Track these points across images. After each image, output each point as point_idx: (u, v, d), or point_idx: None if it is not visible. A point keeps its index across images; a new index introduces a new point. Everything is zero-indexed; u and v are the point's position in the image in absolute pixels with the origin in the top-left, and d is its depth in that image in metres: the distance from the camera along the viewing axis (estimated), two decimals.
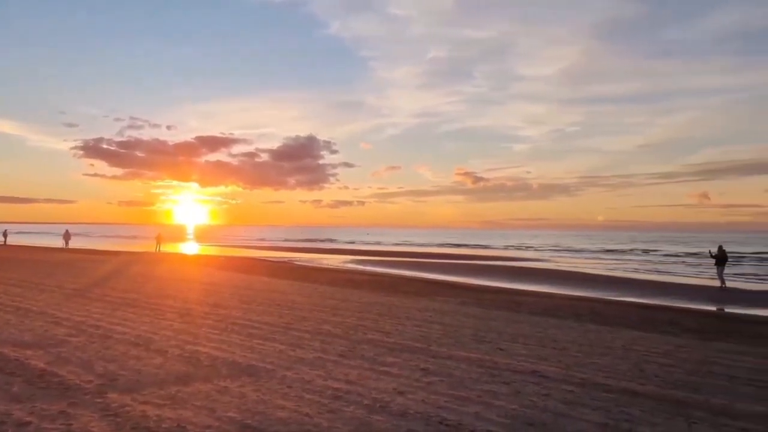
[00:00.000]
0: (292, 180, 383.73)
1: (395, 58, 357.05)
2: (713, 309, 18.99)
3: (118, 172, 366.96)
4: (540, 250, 77.83)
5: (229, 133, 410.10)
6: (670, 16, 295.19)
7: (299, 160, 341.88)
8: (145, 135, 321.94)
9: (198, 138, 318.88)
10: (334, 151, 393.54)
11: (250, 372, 7.08)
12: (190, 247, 71.01)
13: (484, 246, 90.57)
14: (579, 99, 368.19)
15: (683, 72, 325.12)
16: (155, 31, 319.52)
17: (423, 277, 28.61)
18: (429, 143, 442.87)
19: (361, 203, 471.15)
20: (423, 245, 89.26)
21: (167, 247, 56.99)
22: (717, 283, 26.33)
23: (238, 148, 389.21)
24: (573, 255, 64.39)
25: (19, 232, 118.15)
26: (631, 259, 56.07)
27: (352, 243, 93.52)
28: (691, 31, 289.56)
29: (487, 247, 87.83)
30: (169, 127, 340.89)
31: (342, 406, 5.65)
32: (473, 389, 6.48)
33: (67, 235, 54.89)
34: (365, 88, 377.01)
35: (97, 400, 5.65)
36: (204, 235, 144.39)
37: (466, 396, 6.17)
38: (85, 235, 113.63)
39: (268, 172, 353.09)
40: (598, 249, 79.97)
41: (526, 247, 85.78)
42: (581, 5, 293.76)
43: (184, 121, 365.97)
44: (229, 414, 5.32)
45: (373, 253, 57.62)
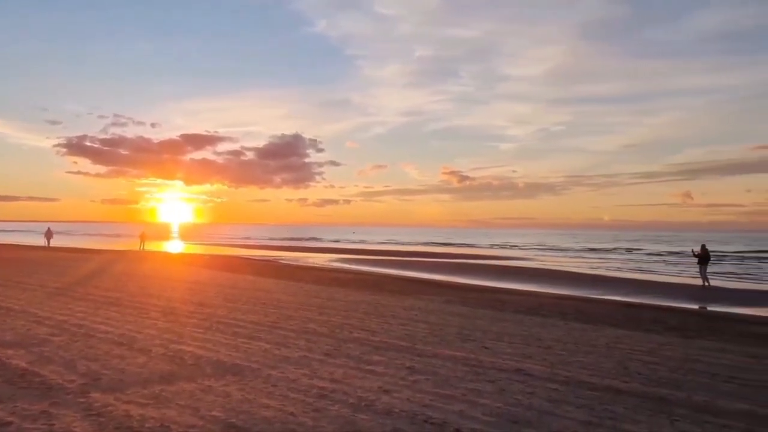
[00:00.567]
0: (277, 178, 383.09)
1: (382, 56, 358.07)
2: (696, 307, 19.20)
3: (101, 169, 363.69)
4: (525, 248, 78.24)
5: (215, 131, 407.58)
6: (655, 17, 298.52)
7: (285, 158, 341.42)
8: (129, 132, 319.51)
9: (183, 136, 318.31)
10: (320, 150, 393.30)
11: (234, 371, 7.04)
12: (175, 246, 70.55)
13: (470, 245, 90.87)
14: (564, 99, 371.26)
15: (667, 72, 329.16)
16: (140, 28, 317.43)
17: (409, 276, 28.64)
18: (415, 142, 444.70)
19: (347, 202, 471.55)
20: (409, 244, 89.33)
21: (151, 246, 56.58)
22: (699, 281, 26.62)
23: (223, 146, 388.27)
24: (557, 254, 64.77)
25: (1, 231, 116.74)
26: (615, 258, 56.55)
27: (337, 242, 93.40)
28: (675, 32, 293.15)
29: (472, 245, 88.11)
30: (153, 125, 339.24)
31: (327, 405, 5.64)
32: (458, 387, 6.49)
33: (49, 234, 54.28)
34: (352, 86, 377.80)
35: (80, 400, 5.59)
36: (189, 233, 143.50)
37: (451, 394, 6.18)
38: (68, 233, 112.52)
39: (254, 170, 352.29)
40: (582, 248, 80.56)
41: (511, 246, 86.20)
42: (567, 6, 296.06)
43: (169, 119, 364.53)
44: (213, 413, 5.29)
45: (359, 252, 57.58)
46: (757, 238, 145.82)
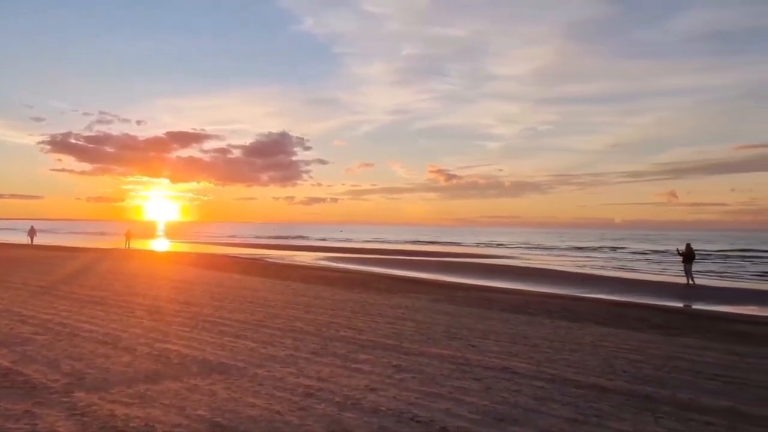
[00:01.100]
0: (264, 176, 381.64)
1: (369, 55, 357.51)
2: (680, 305, 19.37)
3: (86, 167, 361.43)
4: (511, 247, 78.56)
5: (201, 129, 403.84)
6: (641, 17, 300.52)
7: (272, 156, 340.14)
8: (115, 130, 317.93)
9: (169, 133, 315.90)
10: (307, 148, 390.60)
11: (220, 370, 7.01)
12: (161, 244, 70.08)
13: (457, 243, 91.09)
14: (551, 98, 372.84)
15: (653, 73, 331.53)
16: (125, 24, 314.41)
17: (395, 275, 28.66)
18: (402, 140, 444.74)
19: (335, 200, 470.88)
20: (396, 242, 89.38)
21: (137, 244, 56.18)
22: (683, 279, 26.87)
23: (209, 144, 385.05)
24: (543, 252, 65.09)
25: None
26: (599, 257, 56.95)
27: (324, 240, 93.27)
28: (661, 32, 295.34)
29: (459, 244, 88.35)
30: (139, 122, 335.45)
31: (313, 404, 5.63)
32: (445, 386, 6.51)
33: (32, 232, 53.70)
34: (339, 84, 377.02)
35: (64, 399, 5.54)
36: (175, 231, 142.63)
37: (437, 392, 6.20)
38: (52, 231, 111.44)
39: (241, 168, 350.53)
40: (568, 246, 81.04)
41: (497, 245, 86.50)
42: (555, 5, 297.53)
43: (155, 116, 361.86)
44: (199, 412, 5.26)
45: (346, 251, 57.53)
46: (741, 237, 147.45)
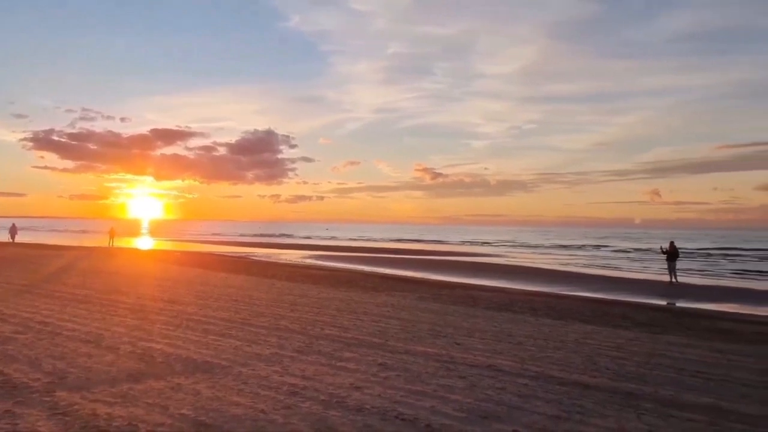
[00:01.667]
0: (250, 174, 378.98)
1: (356, 53, 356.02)
2: (664, 303, 19.56)
3: (69, 164, 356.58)
4: (497, 245, 78.90)
5: (186, 126, 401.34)
6: (626, 17, 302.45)
7: (257, 154, 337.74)
8: (98, 127, 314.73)
9: (153, 131, 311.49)
10: (293, 146, 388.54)
11: (204, 368, 6.98)
12: (145, 242, 69.57)
13: (442, 241, 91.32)
14: (537, 97, 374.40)
15: (637, 72, 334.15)
16: (110, 21, 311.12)
17: (381, 273, 28.67)
18: (389, 139, 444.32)
19: (321, 198, 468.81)
20: (382, 240, 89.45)
21: (121, 242, 55.72)
22: (666, 278, 27.14)
23: (194, 142, 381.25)
24: (529, 251, 65.45)
25: None
26: (583, 255, 57.37)
27: (310, 238, 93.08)
28: (646, 32, 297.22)
29: (445, 242, 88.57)
30: (123, 119, 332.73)
31: (298, 402, 5.62)
32: (429, 383, 6.53)
33: (13, 229, 52.95)
34: (325, 82, 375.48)
35: (45, 399, 5.49)
36: (159, 229, 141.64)
37: (422, 390, 6.21)
38: (34, 229, 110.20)
39: (226, 166, 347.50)
40: (552, 245, 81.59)
41: (483, 243, 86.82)
42: (540, 4, 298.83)
43: (139, 114, 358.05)
44: (183, 411, 5.23)
45: (332, 249, 57.47)
46: (723, 235, 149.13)
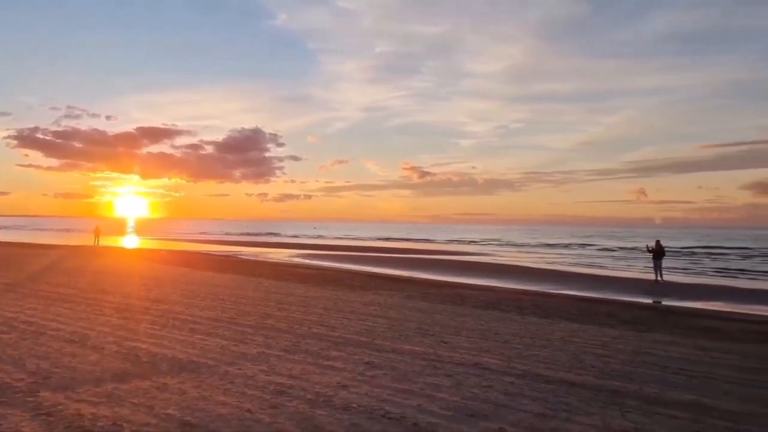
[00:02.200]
0: (237, 173, 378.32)
1: (344, 51, 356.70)
2: (649, 302, 19.69)
3: (54, 162, 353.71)
4: (484, 244, 79.11)
5: (172, 125, 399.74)
6: (612, 18, 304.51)
7: (245, 152, 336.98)
8: (83, 125, 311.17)
9: (139, 129, 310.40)
10: (280, 144, 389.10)
11: (191, 368, 6.94)
12: (131, 241, 69.04)
13: (430, 240, 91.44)
14: (524, 96, 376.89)
15: (623, 72, 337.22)
16: (96, 18, 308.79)
17: (369, 272, 28.67)
18: (376, 137, 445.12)
19: (308, 197, 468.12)
20: (369, 239, 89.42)
21: (106, 241, 55.28)
22: (652, 276, 27.34)
23: (181, 140, 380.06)
24: (515, 249, 65.70)
25: None
26: (568, 253, 57.69)
27: (297, 237, 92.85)
28: (631, 33, 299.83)
29: (432, 241, 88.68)
30: (108, 117, 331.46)
31: (285, 401, 5.61)
32: (416, 382, 6.54)
33: None
34: (313, 81, 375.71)
35: (29, 399, 5.44)
36: (145, 228, 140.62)
37: (409, 389, 6.22)
38: (18, 227, 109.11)
39: (213, 164, 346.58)
40: (539, 243, 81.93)
41: (470, 242, 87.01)
42: (527, 4, 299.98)
43: (125, 112, 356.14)
44: (168, 411, 5.21)
45: (320, 248, 57.35)
46: (707, 234, 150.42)
